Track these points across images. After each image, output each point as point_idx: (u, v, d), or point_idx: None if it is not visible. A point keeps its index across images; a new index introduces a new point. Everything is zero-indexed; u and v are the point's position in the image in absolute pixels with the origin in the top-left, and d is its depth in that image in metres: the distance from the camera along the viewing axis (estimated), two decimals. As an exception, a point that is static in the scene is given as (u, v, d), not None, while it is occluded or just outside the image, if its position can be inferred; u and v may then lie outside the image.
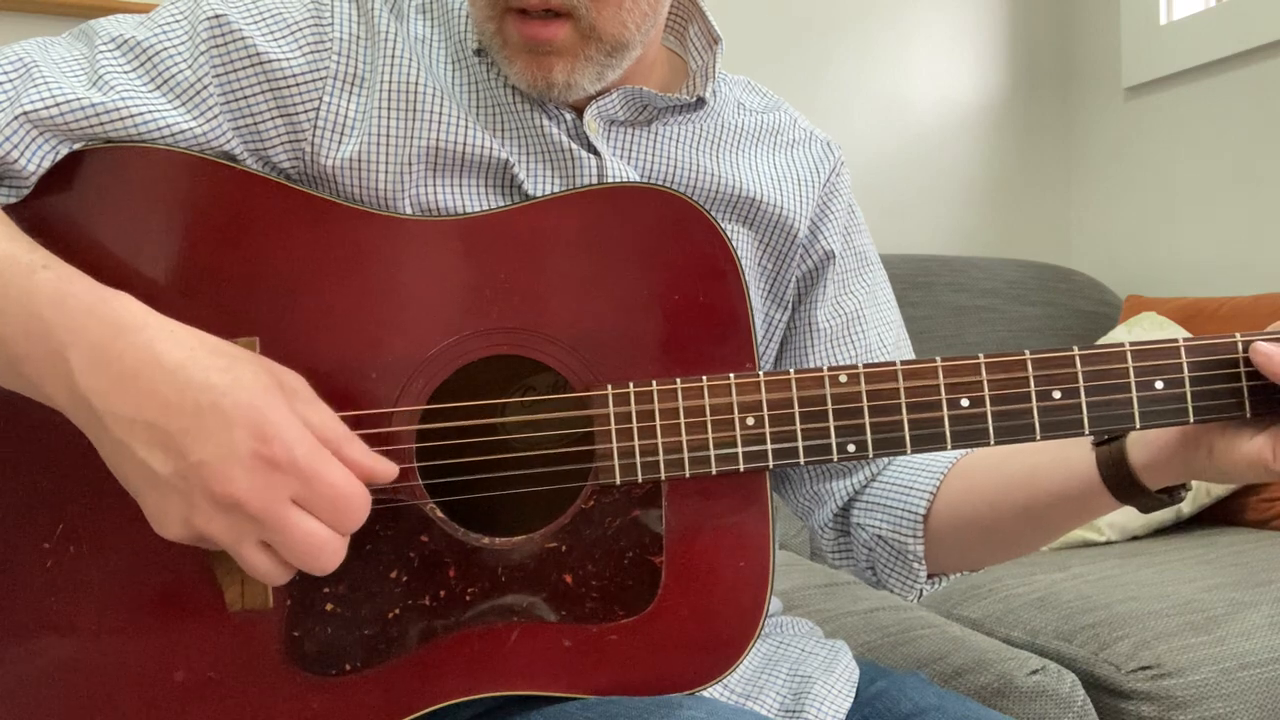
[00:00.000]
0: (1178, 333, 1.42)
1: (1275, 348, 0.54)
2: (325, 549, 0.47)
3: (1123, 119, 1.87)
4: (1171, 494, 0.59)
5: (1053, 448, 0.62)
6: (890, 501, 0.67)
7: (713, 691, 0.60)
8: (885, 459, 0.69)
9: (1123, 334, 1.55)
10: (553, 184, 0.62)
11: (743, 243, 0.68)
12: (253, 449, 0.45)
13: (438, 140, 0.59)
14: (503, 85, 0.62)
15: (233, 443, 0.45)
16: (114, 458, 0.47)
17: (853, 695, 0.64)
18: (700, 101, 0.66)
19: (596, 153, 0.62)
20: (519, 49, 0.58)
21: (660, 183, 0.65)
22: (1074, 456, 0.60)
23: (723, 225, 0.65)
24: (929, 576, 0.68)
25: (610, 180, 0.62)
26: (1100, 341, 1.60)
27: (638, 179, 0.64)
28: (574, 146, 0.62)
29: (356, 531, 0.49)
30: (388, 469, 0.50)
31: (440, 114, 0.59)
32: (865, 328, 0.71)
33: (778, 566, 0.58)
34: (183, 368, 0.46)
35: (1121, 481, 0.58)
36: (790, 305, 0.71)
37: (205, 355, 0.47)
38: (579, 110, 0.63)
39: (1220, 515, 1.37)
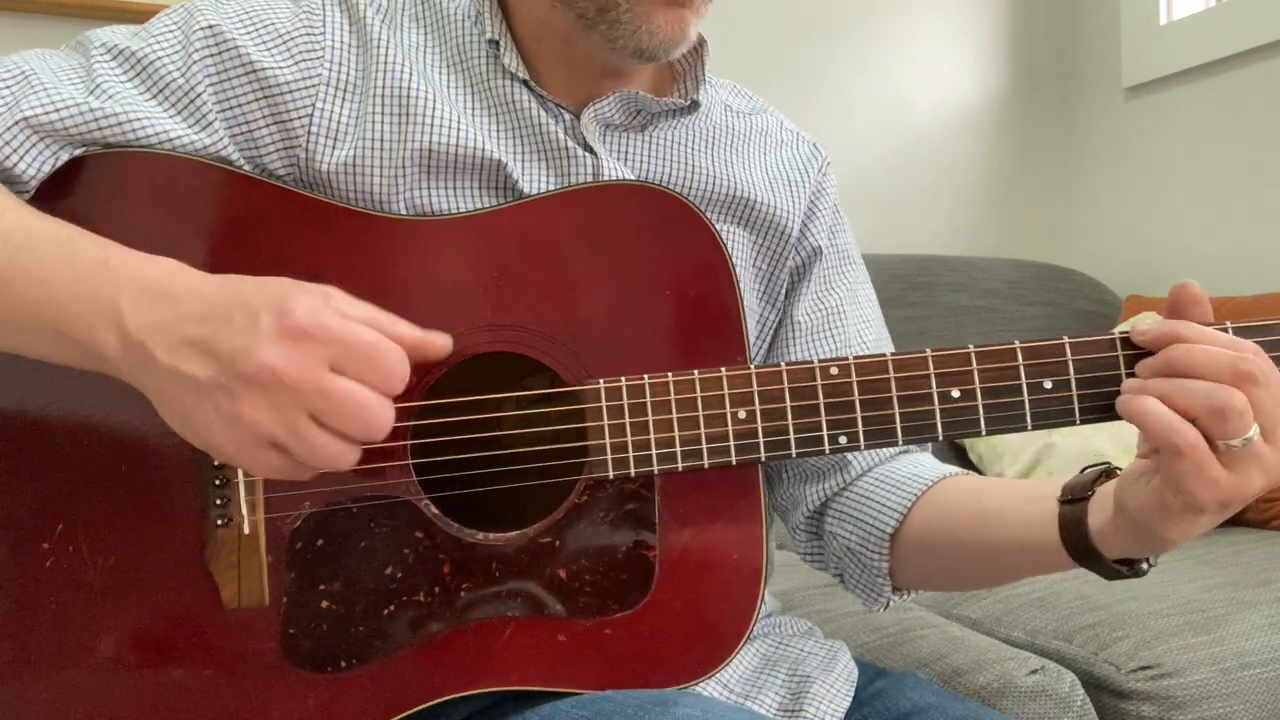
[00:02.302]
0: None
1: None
2: (371, 409, 0.46)
3: (1123, 119, 1.87)
4: (1131, 566, 0.57)
5: (1024, 492, 0.61)
6: (861, 515, 0.67)
7: (711, 691, 0.60)
8: (860, 468, 0.69)
9: (1123, 334, 1.55)
10: (548, 181, 0.62)
11: (739, 244, 0.68)
12: (277, 323, 0.45)
13: (430, 142, 0.59)
14: (502, 77, 0.62)
15: (259, 325, 0.45)
16: (163, 390, 0.47)
17: (852, 695, 0.64)
18: (694, 105, 0.67)
19: (593, 152, 0.63)
20: (659, 2, 0.58)
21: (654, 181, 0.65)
22: (1040, 510, 0.58)
23: (719, 226, 0.65)
24: (894, 590, 0.67)
25: (606, 179, 0.62)
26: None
27: (634, 179, 0.64)
28: (571, 144, 0.62)
29: (351, 530, 0.49)
30: (443, 341, 0.50)
31: (433, 117, 0.59)
32: (845, 323, 0.71)
33: (777, 566, 0.58)
34: (220, 289, 0.48)
35: (1079, 544, 0.56)
36: (782, 306, 0.71)
37: (240, 279, 0.48)
38: (575, 114, 0.63)
39: (1221, 515, 1.36)
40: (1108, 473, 0.57)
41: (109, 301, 0.47)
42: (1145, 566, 0.57)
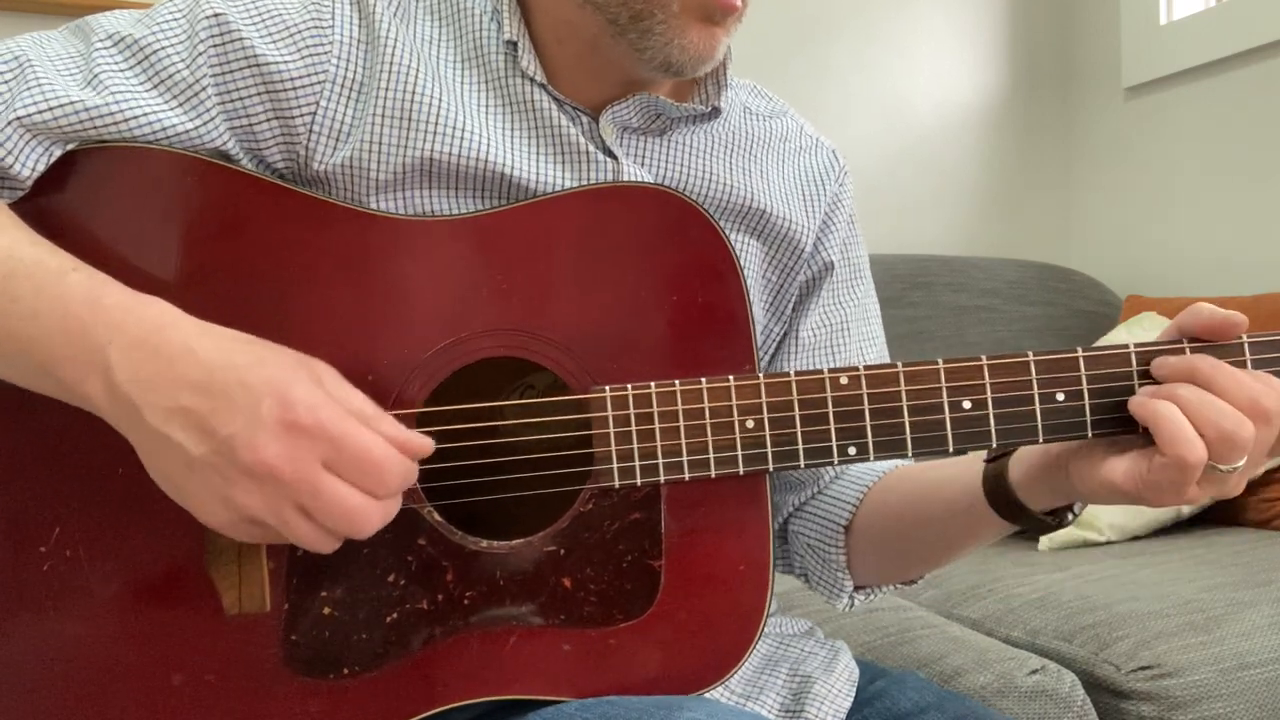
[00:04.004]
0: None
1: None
2: (359, 513, 0.47)
3: (1123, 119, 1.87)
4: (1057, 516, 0.58)
5: (958, 464, 0.62)
6: (821, 513, 0.68)
7: (712, 692, 0.60)
8: (832, 474, 0.69)
9: (1123, 334, 1.55)
10: (565, 182, 0.61)
11: (751, 255, 0.67)
12: (278, 416, 0.45)
13: (433, 150, 0.58)
14: (519, 77, 0.61)
15: (259, 413, 0.45)
16: (152, 451, 0.47)
17: (853, 695, 0.64)
18: (715, 111, 0.66)
19: (613, 156, 0.62)
20: (695, 17, 0.58)
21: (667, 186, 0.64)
22: (969, 473, 0.60)
23: (732, 236, 0.65)
24: (858, 588, 0.68)
25: (621, 181, 0.61)
26: (1100, 342, 1.60)
27: (644, 181, 0.63)
28: (591, 148, 0.61)
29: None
30: (422, 442, 0.50)
31: (437, 124, 0.58)
32: (848, 339, 0.71)
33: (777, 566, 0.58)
34: (212, 354, 0.47)
35: (1003, 498, 0.58)
36: (788, 319, 0.71)
37: (232, 343, 0.48)
38: (593, 117, 0.63)
39: (1220, 515, 1.37)
40: None
41: (97, 348, 0.47)
42: (1070, 517, 0.59)
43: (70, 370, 0.47)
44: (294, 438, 0.46)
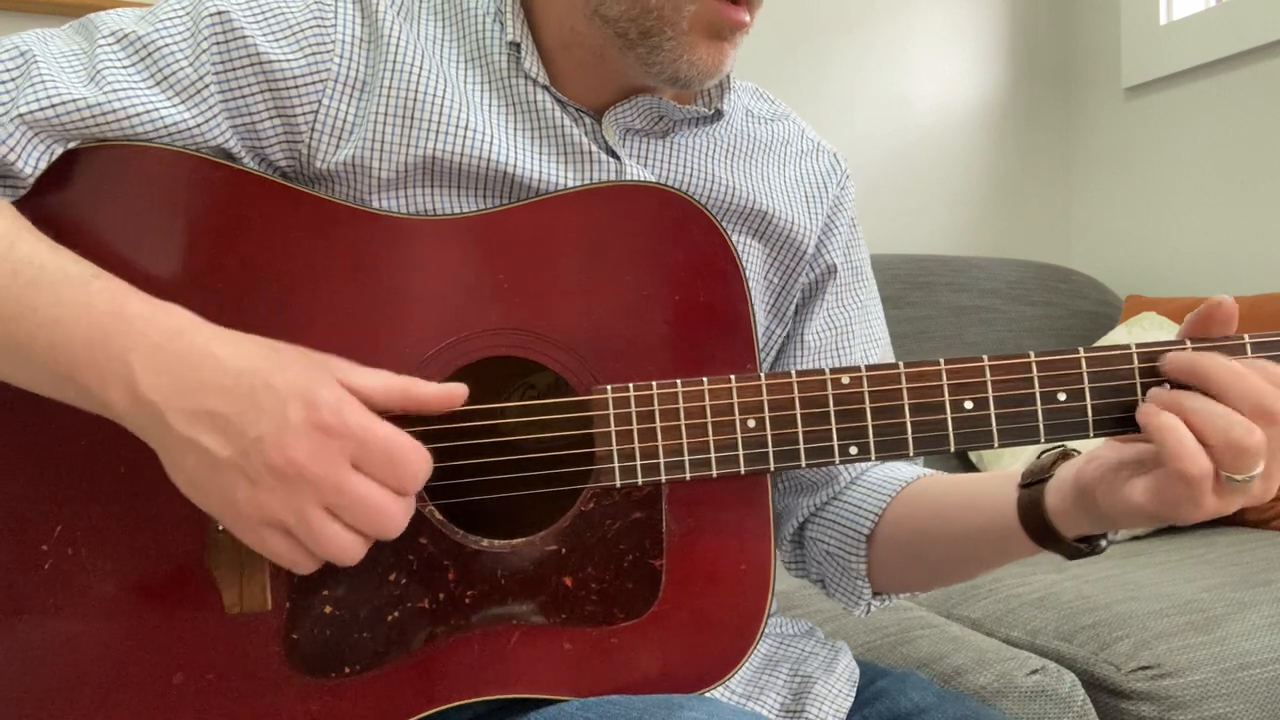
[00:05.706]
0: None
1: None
2: (386, 510, 0.47)
3: (1123, 119, 1.87)
4: (1091, 543, 0.57)
5: (990, 483, 0.62)
6: (841, 520, 0.68)
7: (714, 692, 0.60)
8: (847, 478, 0.69)
9: (1123, 334, 1.55)
10: (569, 182, 0.61)
11: (752, 256, 0.67)
12: (305, 416, 0.46)
13: (435, 149, 0.58)
14: (522, 79, 0.61)
15: (286, 414, 0.46)
16: (177, 457, 0.48)
17: (853, 695, 0.64)
18: (718, 114, 0.66)
19: (616, 156, 0.62)
20: (705, 33, 0.59)
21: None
22: (1002, 495, 0.59)
23: (735, 238, 0.65)
24: (875, 594, 0.68)
25: (623, 180, 0.61)
26: (1101, 342, 1.60)
27: (645, 179, 0.63)
28: (594, 148, 0.61)
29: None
30: (461, 391, 0.51)
31: (442, 122, 0.58)
32: (852, 342, 0.71)
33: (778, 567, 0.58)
34: (234, 358, 0.48)
35: (1037, 525, 0.57)
36: (790, 320, 0.71)
37: (252, 347, 0.49)
38: (596, 118, 0.63)
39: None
40: (1065, 455, 0.58)
41: (120, 356, 0.47)
42: (1104, 544, 0.58)
43: (92, 377, 0.47)
44: (321, 437, 0.46)
